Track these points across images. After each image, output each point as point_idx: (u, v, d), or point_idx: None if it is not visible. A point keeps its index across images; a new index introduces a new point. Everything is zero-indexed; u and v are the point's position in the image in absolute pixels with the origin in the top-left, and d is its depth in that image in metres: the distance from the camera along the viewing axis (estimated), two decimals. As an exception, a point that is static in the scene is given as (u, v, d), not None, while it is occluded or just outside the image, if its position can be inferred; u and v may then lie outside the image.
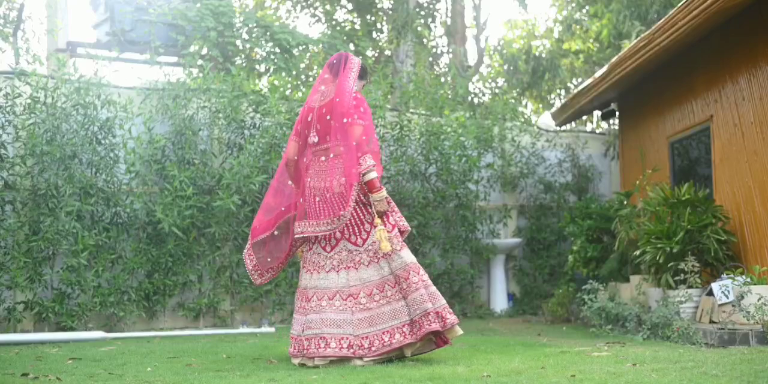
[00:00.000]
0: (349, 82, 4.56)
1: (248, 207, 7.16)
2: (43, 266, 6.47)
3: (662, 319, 5.49)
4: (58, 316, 6.45)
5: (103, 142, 6.80)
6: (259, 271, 4.72)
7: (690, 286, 5.70)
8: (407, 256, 4.41)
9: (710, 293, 5.53)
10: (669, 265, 5.89)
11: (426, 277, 4.44)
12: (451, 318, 4.35)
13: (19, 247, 6.38)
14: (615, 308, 6.15)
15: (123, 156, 6.88)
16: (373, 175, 4.39)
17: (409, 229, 4.60)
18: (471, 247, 8.38)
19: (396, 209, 4.55)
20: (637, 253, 6.25)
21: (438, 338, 4.43)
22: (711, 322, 5.44)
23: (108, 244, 6.72)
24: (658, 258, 5.92)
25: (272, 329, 6.78)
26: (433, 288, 4.42)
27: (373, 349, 4.30)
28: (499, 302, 8.49)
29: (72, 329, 6.38)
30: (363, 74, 4.72)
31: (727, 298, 5.32)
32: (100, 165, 6.75)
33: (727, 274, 5.56)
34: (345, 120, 4.45)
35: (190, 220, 6.90)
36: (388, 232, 4.41)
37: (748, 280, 5.36)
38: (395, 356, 4.38)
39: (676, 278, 5.82)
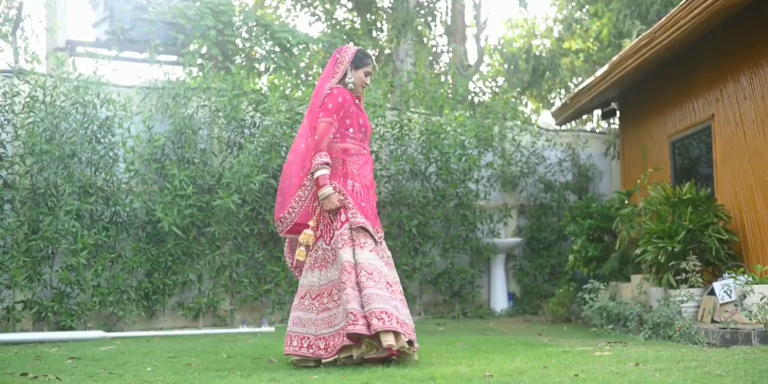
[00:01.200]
0: (326, 82, 4.50)
1: (248, 206, 7.14)
2: (43, 265, 6.45)
3: (664, 319, 5.47)
4: (57, 316, 6.43)
5: (102, 140, 6.78)
6: (298, 269, 4.68)
7: (691, 286, 5.68)
8: (345, 254, 4.23)
9: (712, 293, 5.52)
10: (670, 265, 5.88)
11: (365, 277, 4.14)
12: (377, 324, 3.99)
13: (19, 246, 6.36)
14: (616, 308, 6.14)
15: (122, 155, 6.85)
16: (320, 172, 4.30)
17: (362, 224, 4.26)
18: (471, 246, 8.36)
19: (350, 205, 4.33)
20: (638, 252, 6.23)
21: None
22: (713, 321, 5.42)
23: (107, 243, 6.70)
24: (659, 257, 5.91)
25: (272, 329, 6.76)
26: (372, 290, 4.10)
27: (328, 350, 4.21)
28: (500, 302, 8.47)
29: (71, 329, 6.36)
30: (359, 62, 4.53)
31: (730, 297, 5.31)
32: (100, 164, 6.72)
33: (728, 274, 5.54)
34: (306, 121, 4.48)
35: (189, 219, 6.88)
36: (336, 229, 4.31)
37: (750, 279, 5.34)
38: (345, 359, 4.21)
39: (678, 278, 5.80)
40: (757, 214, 5.87)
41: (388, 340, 4.01)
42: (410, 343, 4.18)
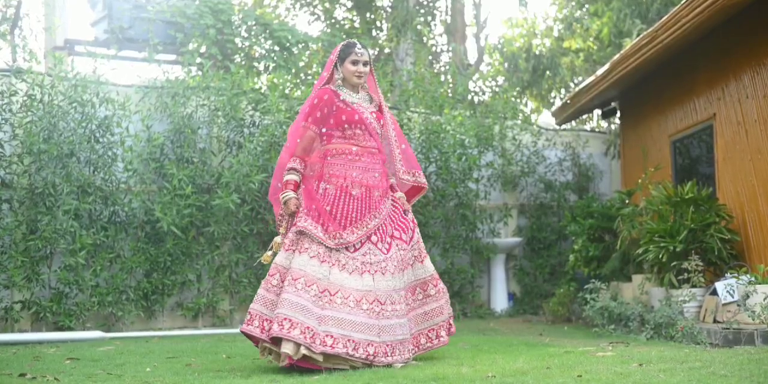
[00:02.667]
0: (318, 85, 4.50)
1: (247, 206, 7.10)
2: (41, 265, 6.42)
3: (666, 319, 5.44)
4: (55, 316, 6.39)
5: (101, 140, 6.74)
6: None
7: (693, 286, 5.66)
8: (277, 257, 4.24)
9: (714, 293, 5.49)
10: (672, 264, 5.85)
11: (288, 283, 4.06)
12: (275, 329, 3.94)
13: (17, 246, 6.33)
14: (617, 308, 6.11)
15: (121, 154, 6.82)
16: (285, 178, 4.36)
17: (301, 228, 4.18)
18: (471, 246, 8.33)
19: (301, 209, 4.28)
20: (640, 252, 6.21)
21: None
22: (715, 321, 5.40)
23: (106, 243, 6.67)
24: (660, 257, 5.88)
25: (272, 329, 6.72)
26: (286, 296, 4.02)
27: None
28: (500, 302, 8.44)
29: (70, 329, 6.33)
30: (343, 54, 4.45)
31: (732, 297, 5.28)
32: (98, 163, 6.69)
33: (730, 273, 5.51)
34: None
35: (189, 219, 6.85)
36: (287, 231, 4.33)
37: (753, 279, 5.31)
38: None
39: (679, 277, 5.77)
40: (759, 213, 5.84)
41: (286, 349, 3.96)
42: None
